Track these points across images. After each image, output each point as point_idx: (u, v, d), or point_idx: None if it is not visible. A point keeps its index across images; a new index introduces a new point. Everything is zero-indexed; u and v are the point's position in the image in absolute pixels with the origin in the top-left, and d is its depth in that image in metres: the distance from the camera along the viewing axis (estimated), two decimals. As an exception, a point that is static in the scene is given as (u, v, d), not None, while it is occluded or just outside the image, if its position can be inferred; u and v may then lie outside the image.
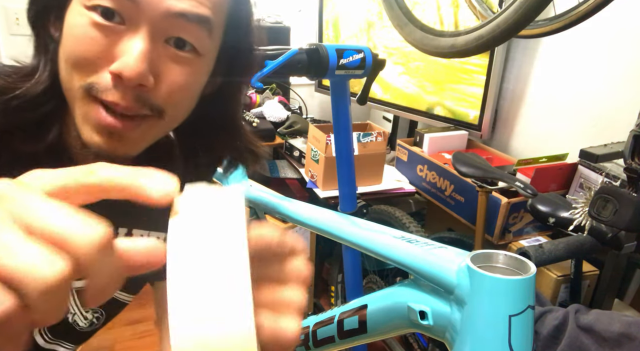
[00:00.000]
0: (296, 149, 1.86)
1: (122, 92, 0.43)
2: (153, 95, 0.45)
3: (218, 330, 0.24)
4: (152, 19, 0.42)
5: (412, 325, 0.48)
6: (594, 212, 0.72)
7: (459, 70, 1.68)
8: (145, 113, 0.45)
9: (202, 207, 0.26)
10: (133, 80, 0.42)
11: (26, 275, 0.19)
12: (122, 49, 0.42)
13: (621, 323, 0.72)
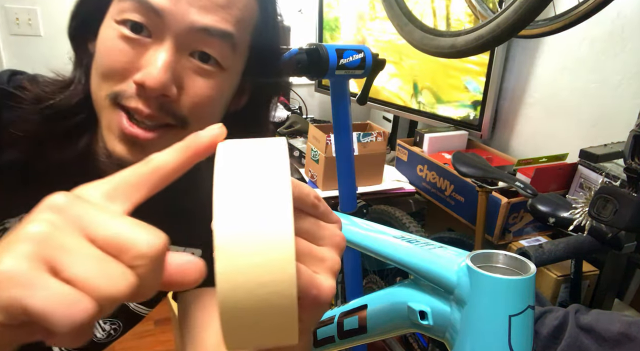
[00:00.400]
0: (296, 149, 1.86)
1: (145, 100, 0.45)
2: (177, 106, 0.46)
3: (260, 242, 0.24)
4: (177, 32, 0.44)
5: (412, 325, 0.48)
6: (594, 212, 0.72)
7: (457, 68, 1.68)
8: (169, 122, 0.47)
9: (248, 144, 0.29)
10: (156, 90, 0.44)
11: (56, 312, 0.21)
12: (147, 60, 0.44)
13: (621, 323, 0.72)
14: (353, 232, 0.60)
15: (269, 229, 0.25)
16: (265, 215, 0.25)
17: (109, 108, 0.46)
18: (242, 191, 0.26)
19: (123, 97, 0.45)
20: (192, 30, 0.44)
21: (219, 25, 0.45)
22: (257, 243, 0.24)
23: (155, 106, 0.45)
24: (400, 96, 1.93)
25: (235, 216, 0.25)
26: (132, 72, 0.45)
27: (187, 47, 0.46)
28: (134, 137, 0.46)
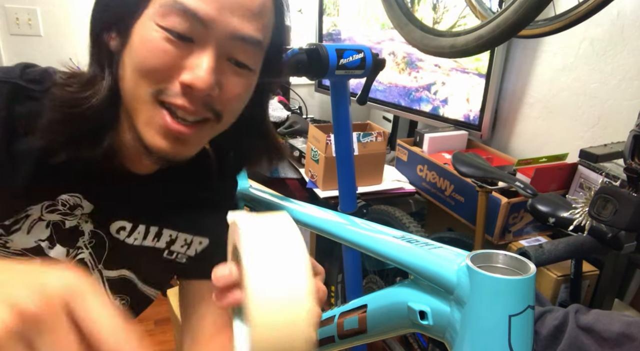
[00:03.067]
0: (296, 149, 1.86)
1: (189, 99, 0.49)
2: (215, 102, 0.51)
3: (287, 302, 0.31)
4: (219, 39, 0.49)
5: (412, 325, 0.48)
6: (594, 212, 0.72)
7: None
8: (207, 116, 0.52)
9: (264, 221, 0.35)
10: (203, 91, 0.48)
11: None
12: (193, 63, 0.48)
13: (621, 323, 0.72)
14: (353, 232, 0.60)
15: (293, 294, 0.31)
16: (290, 283, 0.32)
17: (150, 104, 0.49)
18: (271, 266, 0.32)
19: (167, 94, 0.49)
20: (232, 37, 0.49)
21: (253, 34, 0.51)
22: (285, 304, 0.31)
23: (200, 103, 0.50)
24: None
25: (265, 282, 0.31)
26: (177, 72, 0.48)
27: (226, 52, 0.50)
28: (178, 133, 0.50)
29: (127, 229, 0.61)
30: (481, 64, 1.63)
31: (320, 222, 0.69)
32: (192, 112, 0.50)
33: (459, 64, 1.71)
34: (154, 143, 0.50)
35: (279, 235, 0.34)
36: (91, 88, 0.51)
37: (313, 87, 2.30)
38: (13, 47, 1.91)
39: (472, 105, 1.69)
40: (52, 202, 0.55)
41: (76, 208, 0.57)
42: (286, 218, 0.36)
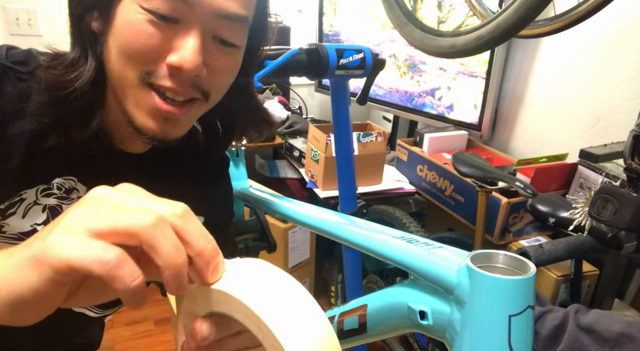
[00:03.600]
0: (296, 149, 1.86)
1: (178, 80, 0.49)
2: (203, 81, 0.51)
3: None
4: (204, 18, 0.48)
5: (412, 325, 0.48)
6: (594, 212, 0.72)
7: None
8: (196, 96, 0.52)
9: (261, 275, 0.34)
10: (192, 72, 0.48)
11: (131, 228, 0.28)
12: (179, 45, 0.48)
13: (621, 323, 0.72)
14: (353, 232, 0.60)
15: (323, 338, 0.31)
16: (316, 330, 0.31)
17: (139, 87, 0.49)
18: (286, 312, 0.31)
19: (155, 76, 0.49)
20: (217, 16, 0.49)
21: (239, 11, 0.50)
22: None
23: (188, 84, 0.50)
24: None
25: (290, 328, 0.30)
26: (162, 53, 0.48)
27: (211, 32, 0.50)
28: (168, 113, 0.50)
29: None
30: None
31: (320, 222, 0.69)
32: (180, 93, 0.50)
33: (466, 67, 1.67)
34: (144, 125, 0.51)
35: (278, 285, 0.32)
36: (75, 70, 0.51)
37: (313, 87, 2.30)
38: (13, 47, 1.91)
39: (473, 102, 1.69)
40: (47, 185, 0.55)
41: (72, 192, 0.57)
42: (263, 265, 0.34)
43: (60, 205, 0.57)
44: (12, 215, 0.54)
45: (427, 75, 1.81)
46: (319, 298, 1.98)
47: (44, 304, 0.29)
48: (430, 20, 1.72)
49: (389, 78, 1.98)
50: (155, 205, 0.30)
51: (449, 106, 1.77)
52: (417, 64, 1.84)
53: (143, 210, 0.29)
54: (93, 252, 0.27)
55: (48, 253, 0.27)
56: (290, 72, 0.86)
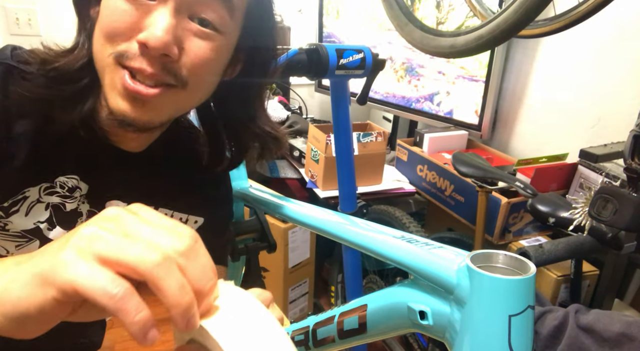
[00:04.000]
0: (296, 149, 1.86)
1: (148, 60, 0.47)
2: (178, 66, 0.49)
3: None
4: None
5: (412, 325, 0.48)
6: (594, 212, 0.72)
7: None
8: (170, 82, 0.49)
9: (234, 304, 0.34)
10: (158, 50, 0.46)
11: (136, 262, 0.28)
12: (150, 21, 0.47)
13: (621, 323, 0.72)
14: (353, 232, 0.60)
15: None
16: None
17: (112, 66, 0.48)
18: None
19: (127, 57, 0.47)
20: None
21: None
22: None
23: (158, 66, 0.48)
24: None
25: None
26: (136, 32, 0.47)
27: (188, 10, 0.48)
28: (135, 93, 0.48)
29: None
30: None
31: (320, 222, 0.69)
32: (150, 74, 0.48)
33: (466, 71, 1.64)
34: (115, 106, 0.49)
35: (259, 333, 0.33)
36: (71, 53, 0.52)
37: (313, 87, 2.30)
38: (13, 47, 1.91)
39: (474, 107, 1.68)
40: (50, 184, 0.56)
41: (75, 190, 0.57)
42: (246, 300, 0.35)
43: (63, 203, 0.57)
44: (16, 213, 0.54)
45: (425, 80, 1.77)
46: (319, 298, 1.98)
47: (48, 320, 0.30)
48: (429, 21, 1.71)
49: (385, 82, 1.93)
50: (163, 239, 0.30)
51: (448, 112, 1.76)
52: (415, 67, 1.79)
53: (150, 246, 0.29)
54: (100, 282, 0.27)
55: (56, 274, 0.28)
56: (290, 72, 0.86)
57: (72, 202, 0.58)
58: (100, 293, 0.27)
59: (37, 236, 0.57)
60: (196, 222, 0.69)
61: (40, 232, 0.57)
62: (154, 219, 0.32)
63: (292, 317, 1.79)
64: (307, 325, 0.65)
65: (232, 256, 0.87)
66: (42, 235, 0.57)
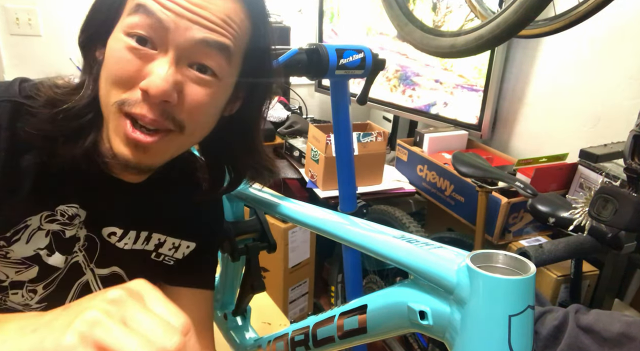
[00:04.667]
0: (296, 149, 1.86)
1: (149, 106, 0.50)
2: (176, 111, 0.51)
3: None
4: (178, 45, 0.49)
5: (412, 325, 0.48)
6: (594, 212, 0.72)
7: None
8: (169, 127, 0.52)
9: None
10: (158, 97, 0.48)
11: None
12: (151, 69, 0.49)
13: (621, 323, 0.72)
14: (353, 232, 0.60)
15: None
16: None
17: (116, 114, 0.51)
18: None
19: (129, 103, 0.50)
20: (193, 42, 0.49)
21: (217, 38, 0.50)
22: None
23: (158, 111, 0.50)
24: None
25: None
26: (138, 80, 0.49)
27: (188, 58, 0.50)
28: (136, 141, 0.51)
29: (117, 234, 0.63)
30: None
31: (320, 222, 0.69)
32: (150, 120, 0.50)
33: (465, 80, 1.58)
34: (118, 151, 0.52)
35: None
36: (77, 94, 0.54)
37: (313, 87, 2.30)
38: (13, 47, 1.91)
39: (475, 112, 1.67)
40: (51, 212, 0.57)
41: (74, 218, 0.59)
42: None
43: (63, 230, 0.59)
44: (17, 241, 0.56)
45: (421, 89, 1.70)
46: (319, 298, 1.98)
47: None
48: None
49: (376, 92, 1.86)
50: (157, 336, 0.32)
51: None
52: (409, 75, 1.70)
53: (144, 342, 0.31)
54: None
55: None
56: (290, 72, 0.86)
57: (72, 229, 0.59)
58: None
59: (36, 262, 0.58)
60: (188, 246, 0.70)
61: (39, 258, 0.58)
62: (155, 304, 0.35)
63: (292, 317, 1.79)
64: (307, 325, 0.65)
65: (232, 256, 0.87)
66: (41, 261, 0.58)
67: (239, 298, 0.95)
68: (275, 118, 2.01)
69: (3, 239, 0.55)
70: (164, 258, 0.68)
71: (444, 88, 1.70)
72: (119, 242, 0.64)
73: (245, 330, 0.96)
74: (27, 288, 0.59)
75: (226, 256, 0.90)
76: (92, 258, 0.63)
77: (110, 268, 0.65)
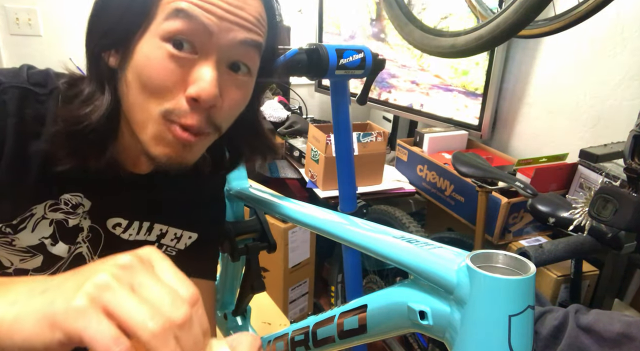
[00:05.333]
0: (296, 149, 1.86)
1: (197, 114, 0.50)
2: (216, 115, 0.52)
3: None
4: (220, 48, 0.49)
5: (412, 325, 0.48)
6: (594, 212, 0.72)
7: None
8: (209, 131, 0.53)
9: None
10: (209, 102, 0.49)
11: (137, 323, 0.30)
12: (196, 76, 0.49)
13: (621, 323, 0.72)
14: (353, 232, 0.60)
15: None
16: None
17: (159, 121, 0.50)
18: None
19: (177, 114, 0.49)
20: (235, 44, 0.50)
21: (254, 38, 0.51)
22: None
23: (204, 118, 0.51)
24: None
25: None
26: (181, 88, 0.49)
27: (227, 60, 0.51)
28: (186, 141, 0.51)
29: (122, 225, 0.64)
30: (469, 78, 1.51)
31: (320, 222, 0.69)
32: (197, 128, 0.51)
33: (441, 80, 1.58)
34: (160, 153, 0.52)
35: None
36: (91, 104, 0.52)
37: (313, 87, 2.30)
38: (13, 47, 1.91)
39: (450, 111, 1.65)
40: (55, 201, 0.57)
41: (78, 207, 0.59)
42: None
43: (66, 219, 0.59)
44: (23, 230, 0.56)
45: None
46: (319, 298, 1.98)
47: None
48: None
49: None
50: (165, 304, 0.32)
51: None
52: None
53: (153, 313, 0.31)
54: (105, 338, 0.30)
55: (67, 321, 0.31)
56: (290, 72, 0.86)
57: (75, 218, 0.59)
58: (103, 347, 0.29)
59: (41, 251, 0.59)
60: (190, 237, 0.71)
61: (44, 247, 0.59)
62: (164, 273, 0.35)
63: (292, 317, 1.79)
64: (307, 325, 0.65)
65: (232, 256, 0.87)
66: (45, 250, 0.59)
67: (239, 298, 0.96)
68: (275, 118, 2.01)
69: (9, 226, 0.55)
70: (166, 249, 0.69)
71: (420, 89, 1.69)
72: (124, 233, 0.64)
73: (245, 330, 0.96)
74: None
75: (226, 256, 0.90)
76: (96, 250, 0.63)
77: None
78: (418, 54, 1.65)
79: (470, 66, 1.52)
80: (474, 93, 1.54)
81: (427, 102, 1.66)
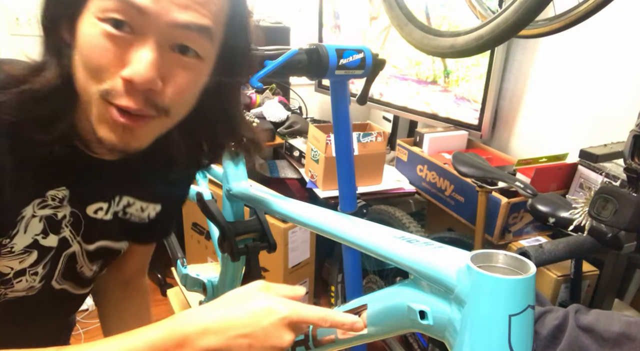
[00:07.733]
0: (296, 149, 1.86)
1: (133, 96, 0.48)
2: (160, 97, 0.50)
3: None
4: (159, 29, 0.47)
5: (412, 325, 0.48)
6: (594, 212, 0.72)
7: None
8: (150, 113, 0.50)
9: None
10: (143, 85, 0.47)
11: None
12: (133, 57, 0.47)
13: (621, 323, 0.72)
14: (353, 232, 0.60)
15: None
16: None
17: (99, 101, 0.49)
18: None
19: (112, 95, 0.48)
20: (174, 26, 0.47)
21: (198, 21, 0.48)
22: None
23: (142, 100, 0.48)
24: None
25: None
26: (118, 68, 0.47)
27: (169, 42, 0.48)
28: (123, 125, 0.49)
29: (104, 209, 0.65)
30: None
31: (320, 222, 0.69)
32: (135, 110, 0.49)
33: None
34: (104, 136, 0.50)
35: None
36: (41, 73, 0.50)
37: (313, 87, 2.30)
38: (13, 47, 1.91)
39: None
40: (42, 198, 0.57)
41: (63, 200, 0.60)
42: None
43: (55, 214, 0.59)
44: (17, 234, 0.56)
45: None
46: (319, 298, 1.98)
47: None
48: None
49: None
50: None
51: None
52: None
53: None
54: None
55: None
56: (290, 72, 0.86)
57: (63, 210, 0.60)
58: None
59: (35, 247, 0.59)
60: (154, 208, 0.73)
61: (37, 243, 0.59)
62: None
63: (292, 317, 1.79)
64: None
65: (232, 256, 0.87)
66: (39, 245, 0.59)
67: (239, 298, 0.95)
68: (275, 118, 2.01)
69: (8, 237, 0.55)
70: (130, 216, 0.70)
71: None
72: (106, 215, 0.65)
73: (245, 330, 0.96)
74: (29, 273, 0.60)
75: (226, 256, 0.90)
76: (78, 232, 0.64)
77: (96, 243, 0.67)
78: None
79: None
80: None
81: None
